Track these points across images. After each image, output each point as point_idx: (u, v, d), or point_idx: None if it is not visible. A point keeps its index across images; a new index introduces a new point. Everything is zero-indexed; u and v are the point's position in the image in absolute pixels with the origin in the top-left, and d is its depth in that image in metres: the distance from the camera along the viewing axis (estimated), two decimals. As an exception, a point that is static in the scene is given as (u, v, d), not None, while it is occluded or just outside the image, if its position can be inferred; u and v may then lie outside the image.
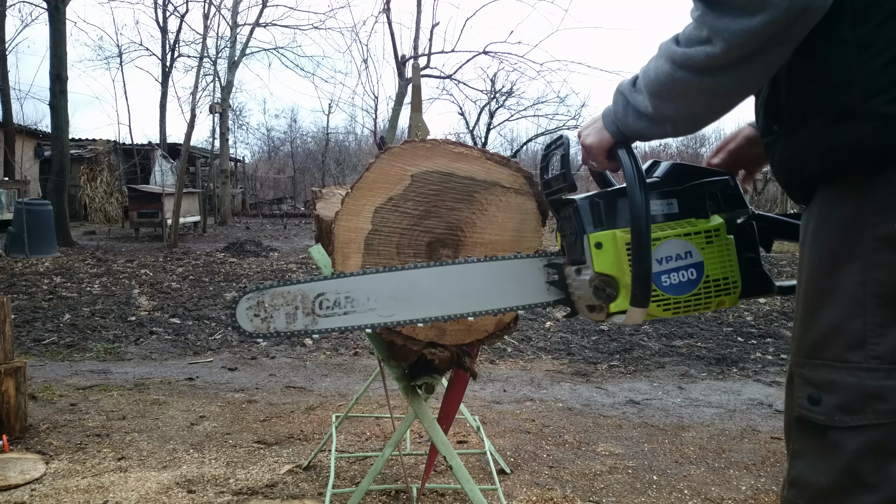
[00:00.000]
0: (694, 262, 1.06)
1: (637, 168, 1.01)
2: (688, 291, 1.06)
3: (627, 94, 0.99)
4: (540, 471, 2.62)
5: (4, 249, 9.83)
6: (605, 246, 1.05)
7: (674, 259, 1.05)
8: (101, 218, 18.70)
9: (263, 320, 1.19)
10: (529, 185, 1.50)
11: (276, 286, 1.20)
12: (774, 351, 4.69)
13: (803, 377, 0.91)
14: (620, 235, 1.05)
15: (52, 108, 12.34)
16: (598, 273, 1.06)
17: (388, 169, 1.45)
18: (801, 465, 0.90)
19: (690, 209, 1.09)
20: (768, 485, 2.53)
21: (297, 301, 1.19)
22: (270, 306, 1.19)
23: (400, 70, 13.47)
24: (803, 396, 0.90)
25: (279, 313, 1.20)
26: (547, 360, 4.50)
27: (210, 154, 21.10)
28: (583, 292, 1.11)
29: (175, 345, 4.80)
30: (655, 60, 0.93)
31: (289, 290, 1.19)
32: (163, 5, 21.33)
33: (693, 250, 1.06)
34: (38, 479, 2.43)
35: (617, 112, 1.02)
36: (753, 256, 1.11)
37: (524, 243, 1.50)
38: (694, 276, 1.06)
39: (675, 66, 0.89)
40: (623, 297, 1.05)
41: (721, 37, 0.83)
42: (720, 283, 1.08)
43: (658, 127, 0.97)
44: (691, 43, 0.87)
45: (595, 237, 1.06)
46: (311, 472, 2.56)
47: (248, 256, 10.14)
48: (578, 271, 1.12)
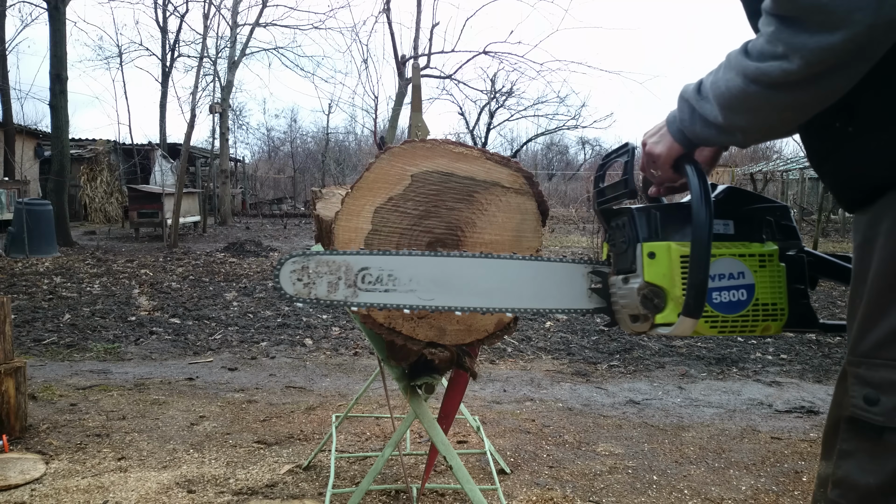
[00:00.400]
0: (745, 284, 1.07)
1: (704, 182, 1.01)
2: (737, 311, 1.07)
3: (693, 102, 0.98)
4: (540, 471, 2.62)
5: (4, 249, 9.83)
6: (659, 256, 1.06)
7: (726, 277, 1.06)
8: (101, 218, 18.71)
9: (305, 285, 1.20)
10: (529, 185, 1.50)
11: (324, 254, 1.21)
12: (774, 351, 4.69)
13: (860, 377, 0.88)
14: (675, 248, 1.05)
15: (52, 108, 12.34)
16: (647, 282, 1.06)
17: (388, 169, 1.45)
18: (849, 466, 0.89)
19: (746, 232, 1.10)
20: (768, 485, 2.53)
21: (341, 271, 1.20)
22: (314, 273, 1.20)
23: (400, 70, 13.46)
24: (859, 396, 0.88)
25: (322, 280, 1.21)
26: (547, 360, 4.50)
27: (210, 154, 21.10)
28: (629, 301, 1.10)
29: (175, 345, 4.80)
30: (724, 72, 0.92)
31: (334, 260, 1.20)
32: (163, 5, 21.35)
33: (746, 271, 1.07)
34: (38, 479, 2.43)
35: (683, 119, 1.01)
36: (801, 288, 1.12)
37: (524, 243, 1.50)
38: (744, 298, 1.07)
39: (748, 81, 0.88)
40: (670, 310, 1.05)
41: (799, 54, 0.81)
42: (768, 308, 1.08)
43: (727, 136, 0.96)
44: (765, 58, 0.85)
45: (649, 247, 1.06)
46: (311, 472, 2.56)
47: (248, 256, 10.14)
48: (626, 280, 1.12)
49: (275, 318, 5.66)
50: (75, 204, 17.68)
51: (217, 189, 19.55)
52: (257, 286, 7.26)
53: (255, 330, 5.26)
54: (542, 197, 1.51)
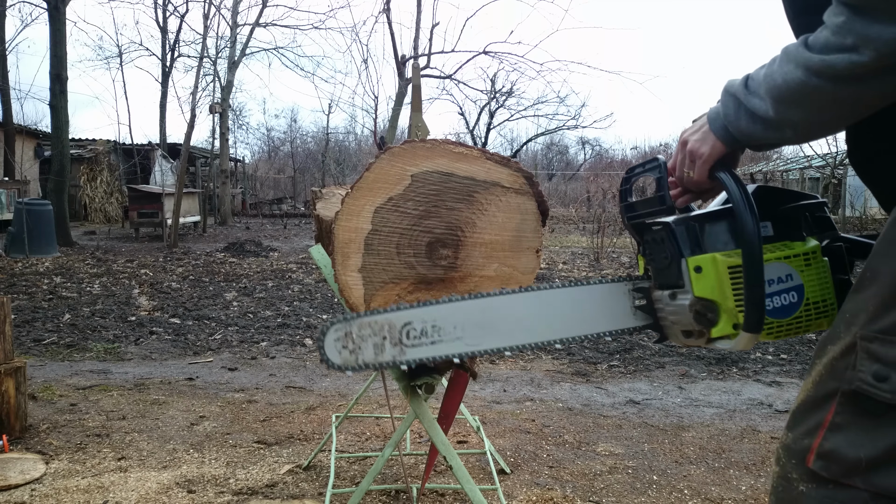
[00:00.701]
0: (795, 285, 1.06)
1: (744, 189, 0.99)
2: (790, 315, 1.05)
3: (741, 96, 0.95)
4: (540, 471, 2.62)
5: (4, 249, 9.83)
6: (705, 270, 1.04)
7: (776, 282, 1.05)
8: (101, 218, 18.72)
9: (352, 352, 1.18)
10: (529, 185, 1.50)
11: (363, 316, 1.18)
12: (775, 351, 4.69)
13: (872, 352, 0.86)
14: (721, 259, 1.03)
15: (52, 108, 12.34)
16: (698, 298, 1.04)
17: (388, 169, 1.45)
18: (839, 439, 0.88)
19: (785, 232, 1.09)
20: (768, 485, 2.53)
21: (385, 331, 1.17)
22: (358, 337, 1.17)
23: (400, 70, 13.47)
24: (867, 371, 0.86)
25: (367, 344, 1.18)
26: (547, 360, 4.50)
27: (210, 154, 21.10)
28: (680, 317, 1.09)
29: (175, 345, 4.80)
30: (781, 65, 0.90)
31: (375, 320, 1.17)
32: (163, 5, 21.36)
33: (794, 273, 1.06)
34: (38, 479, 2.43)
35: (728, 115, 0.98)
36: (845, 278, 1.11)
37: (524, 243, 1.50)
38: (795, 300, 1.06)
39: (810, 73, 0.85)
40: (724, 322, 1.04)
41: (872, 45, 0.79)
42: (819, 306, 1.07)
43: (776, 132, 0.94)
44: (830, 50, 0.83)
45: (694, 261, 1.04)
46: (311, 472, 2.56)
47: (248, 256, 10.14)
48: (673, 296, 1.09)
49: (275, 318, 5.66)
50: (75, 204, 17.69)
51: (217, 189, 19.56)
52: (257, 286, 7.26)
53: (255, 330, 5.26)
54: (542, 197, 1.51)
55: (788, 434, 0.95)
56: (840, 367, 0.90)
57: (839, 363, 0.91)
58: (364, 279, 1.44)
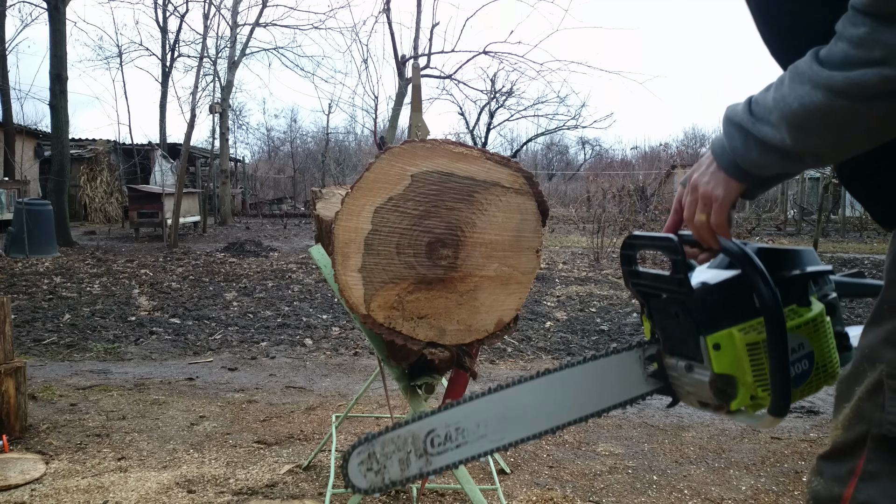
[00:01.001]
0: (807, 353, 1.02)
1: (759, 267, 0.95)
2: (803, 382, 1.03)
3: (748, 125, 0.85)
4: (540, 471, 2.62)
5: (4, 249, 9.83)
6: (724, 347, 1.00)
7: (791, 353, 1.01)
8: (101, 218, 18.72)
9: (377, 473, 1.14)
10: (529, 185, 1.50)
11: (385, 433, 1.14)
12: (774, 351, 4.69)
13: None
14: (738, 336, 1.00)
15: (52, 108, 12.34)
16: (718, 374, 1.01)
17: (388, 169, 1.45)
18: (874, 490, 0.80)
19: (791, 296, 1.04)
20: (768, 485, 2.53)
21: (409, 444, 1.14)
22: (382, 456, 1.14)
23: (400, 70, 13.47)
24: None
25: (392, 461, 1.14)
26: (547, 360, 4.50)
27: (210, 154, 21.10)
28: (698, 390, 1.07)
29: (175, 345, 4.80)
30: (794, 86, 0.80)
31: (399, 435, 1.14)
32: (163, 5, 21.35)
33: (805, 341, 1.02)
34: (38, 479, 2.43)
35: (735, 148, 0.88)
36: (842, 331, 1.09)
37: (524, 243, 1.50)
38: (807, 367, 1.03)
39: (832, 94, 0.76)
40: (743, 395, 1.02)
41: None
42: (827, 368, 1.04)
43: (795, 162, 0.85)
44: (852, 66, 0.74)
45: (713, 339, 1.00)
46: (311, 472, 2.56)
47: (248, 256, 10.14)
48: (690, 368, 1.06)
49: (275, 318, 5.66)
50: (75, 204, 17.69)
51: (217, 189, 19.55)
52: (257, 286, 7.26)
53: (255, 330, 5.26)
54: (542, 197, 1.51)
55: (818, 480, 0.88)
56: (868, 409, 0.83)
57: (867, 404, 0.83)
58: (364, 279, 1.44)
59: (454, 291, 1.48)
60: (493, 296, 1.50)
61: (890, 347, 0.81)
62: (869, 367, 0.83)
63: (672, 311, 1.07)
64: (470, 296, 1.49)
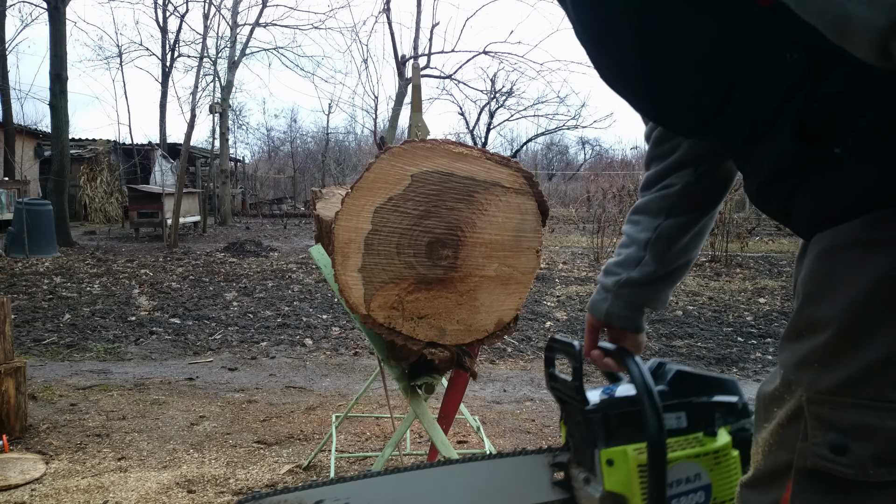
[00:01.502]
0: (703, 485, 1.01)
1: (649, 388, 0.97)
2: None
3: None
4: None
5: (4, 249, 9.83)
6: (617, 463, 0.99)
7: (683, 483, 1.00)
8: (101, 218, 18.71)
9: None
10: (529, 185, 1.50)
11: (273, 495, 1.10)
12: (774, 351, 4.69)
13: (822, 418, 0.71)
14: (632, 455, 0.98)
15: (52, 108, 12.34)
16: (608, 492, 1.00)
17: (388, 169, 1.45)
18: None
19: (698, 424, 1.04)
20: None
21: None
22: None
23: (400, 70, 13.47)
24: (822, 444, 0.70)
25: None
26: (547, 360, 4.50)
27: (210, 154, 21.10)
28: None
29: (175, 345, 4.80)
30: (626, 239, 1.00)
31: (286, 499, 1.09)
32: (163, 5, 21.35)
33: (702, 472, 1.01)
34: (38, 479, 2.43)
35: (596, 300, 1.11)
36: None
37: (524, 243, 1.50)
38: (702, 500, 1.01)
39: None
40: None
41: None
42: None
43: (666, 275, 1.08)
44: None
45: (607, 454, 0.99)
46: (311, 472, 2.56)
47: (248, 256, 10.14)
48: (587, 481, 1.05)
49: (275, 318, 5.66)
50: (75, 204, 17.68)
51: (217, 189, 19.55)
52: (257, 286, 7.26)
53: (255, 330, 5.26)
54: (542, 197, 1.51)
55: None
56: (790, 437, 0.76)
57: (788, 431, 0.77)
58: (364, 279, 1.44)
59: (454, 291, 1.48)
60: (493, 296, 1.50)
61: (808, 370, 0.74)
62: (786, 390, 0.77)
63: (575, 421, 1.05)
64: (470, 296, 1.49)
